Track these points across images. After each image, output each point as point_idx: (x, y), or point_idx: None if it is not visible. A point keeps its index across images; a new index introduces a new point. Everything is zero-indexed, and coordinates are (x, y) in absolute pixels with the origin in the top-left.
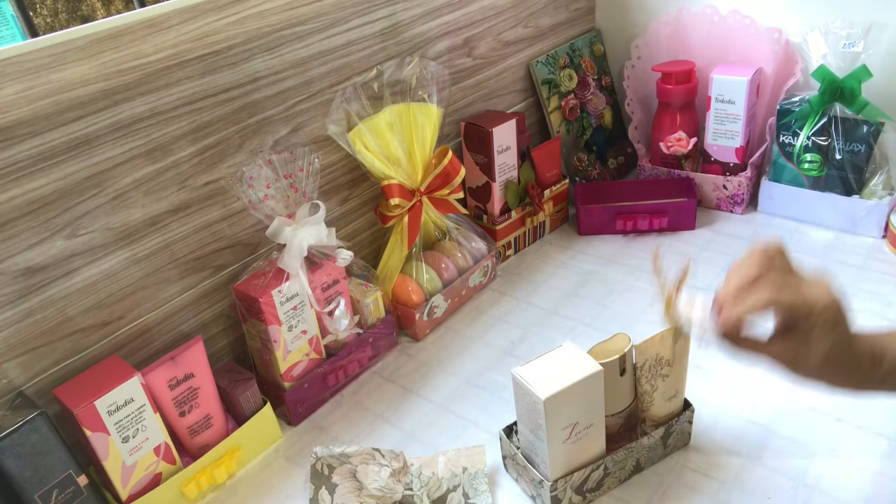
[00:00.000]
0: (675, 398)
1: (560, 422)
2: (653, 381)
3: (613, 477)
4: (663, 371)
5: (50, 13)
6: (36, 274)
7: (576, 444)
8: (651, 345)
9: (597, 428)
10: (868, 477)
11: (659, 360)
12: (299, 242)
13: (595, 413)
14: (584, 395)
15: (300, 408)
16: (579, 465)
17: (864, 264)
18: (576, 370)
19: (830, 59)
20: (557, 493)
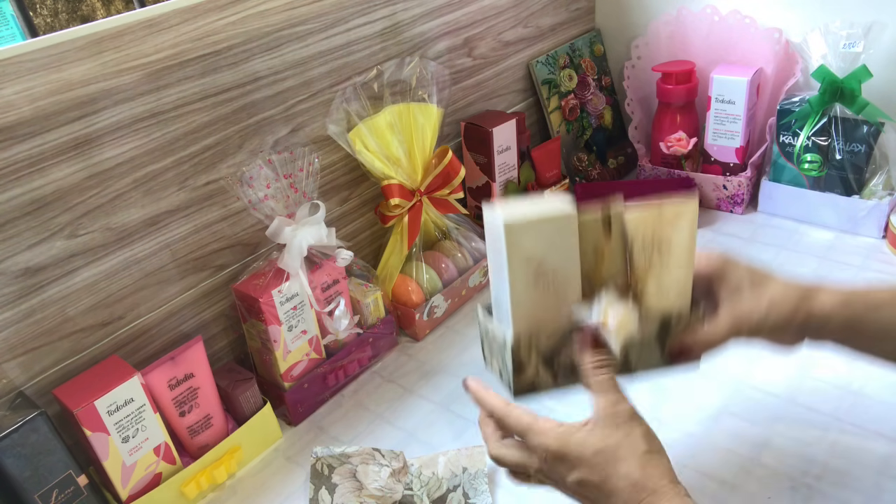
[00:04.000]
0: (675, 291)
1: (523, 258)
2: (647, 261)
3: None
4: (662, 252)
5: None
6: (36, 274)
7: (543, 296)
8: (649, 217)
9: (570, 283)
10: (868, 477)
11: (657, 238)
12: (299, 242)
13: (567, 263)
14: (554, 235)
15: (300, 408)
16: (548, 325)
17: (864, 264)
18: (550, 208)
19: (830, 59)
20: (521, 353)
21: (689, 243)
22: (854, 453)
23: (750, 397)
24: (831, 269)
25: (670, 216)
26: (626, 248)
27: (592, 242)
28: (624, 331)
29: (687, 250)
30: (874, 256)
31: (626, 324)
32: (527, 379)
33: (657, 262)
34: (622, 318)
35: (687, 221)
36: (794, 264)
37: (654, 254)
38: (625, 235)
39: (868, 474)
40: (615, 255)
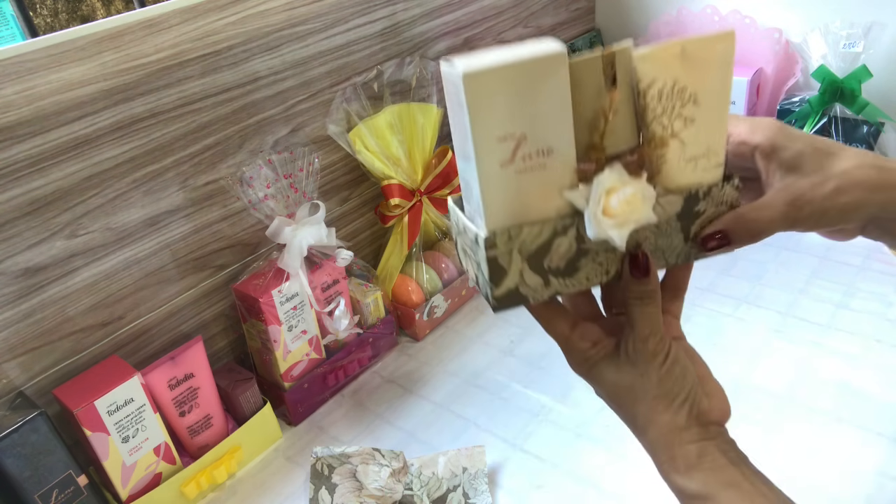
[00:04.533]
0: (704, 161)
1: (493, 124)
2: (667, 120)
3: (596, 263)
4: (686, 110)
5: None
6: (36, 274)
7: (525, 178)
8: (667, 59)
9: (560, 158)
10: (868, 477)
11: (680, 90)
12: (299, 242)
13: (555, 130)
14: (534, 89)
15: (300, 408)
16: (534, 216)
17: (864, 264)
18: (528, 50)
19: (830, 59)
20: (499, 255)
21: (724, 93)
22: (854, 453)
23: (750, 397)
24: (831, 269)
25: (699, 56)
26: (638, 103)
27: (590, 97)
28: (633, 216)
29: (721, 103)
30: (874, 256)
31: (635, 207)
32: (508, 286)
33: (680, 119)
34: (630, 200)
35: (721, 62)
36: (794, 264)
37: (676, 109)
38: (635, 85)
39: (868, 474)
40: (622, 113)
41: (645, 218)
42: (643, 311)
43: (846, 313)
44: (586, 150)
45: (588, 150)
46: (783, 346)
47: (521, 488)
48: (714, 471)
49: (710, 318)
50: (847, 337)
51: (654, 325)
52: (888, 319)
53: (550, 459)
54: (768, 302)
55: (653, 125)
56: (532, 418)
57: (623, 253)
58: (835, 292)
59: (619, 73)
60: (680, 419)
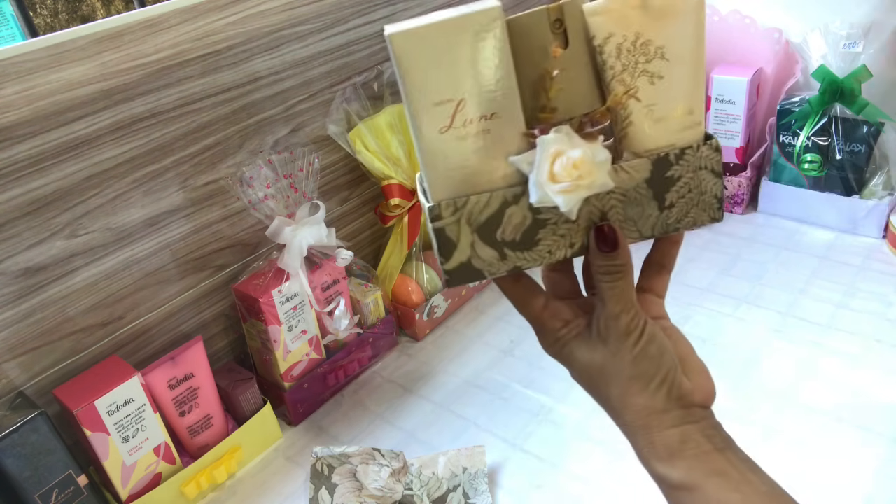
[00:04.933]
0: (677, 121)
1: (427, 88)
2: (629, 78)
3: (557, 235)
4: (652, 66)
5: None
6: (36, 274)
7: (468, 144)
8: (626, 11)
9: (504, 122)
10: (868, 477)
11: (644, 44)
12: (299, 242)
13: (496, 92)
14: (469, 49)
15: (300, 408)
16: (482, 185)
17: (864, 264)
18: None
19: (830, 59)
20: (444, 224)
21: (696, 45)
22: (854, 453)
23: (749, 397)
24: (831, 269)
25: (664, 6)
26: (592, 60)
27: (538, 56)
28: (584, 182)
29: (693, 56)
30: (874, 256)
31: (585, 171)
32: (460, 259)
33: (645, 76)
34: (578, 163)
35: (690, 11)
36: (794, 264)
37: (640, 65)
38: (589, 41)
39: (868, 474)
40: (574, 70)
41: (599, 184)
42: (612, 286)
43: (846, 313)
44: (534, 113)
45: (536, 113)
46: (783, 346)
47: (521, 488)
48: (698, 458)
49: (710, 318)
50: (847, 337)
51: (626, 302)
52: (888, 319)
53: (550, 459)
54: (768, 302)
55: (612, 83)
56: (532, 418)
57: (588, 224)
58: (835, 292)
59: (569, 28)
60: (657, 402)
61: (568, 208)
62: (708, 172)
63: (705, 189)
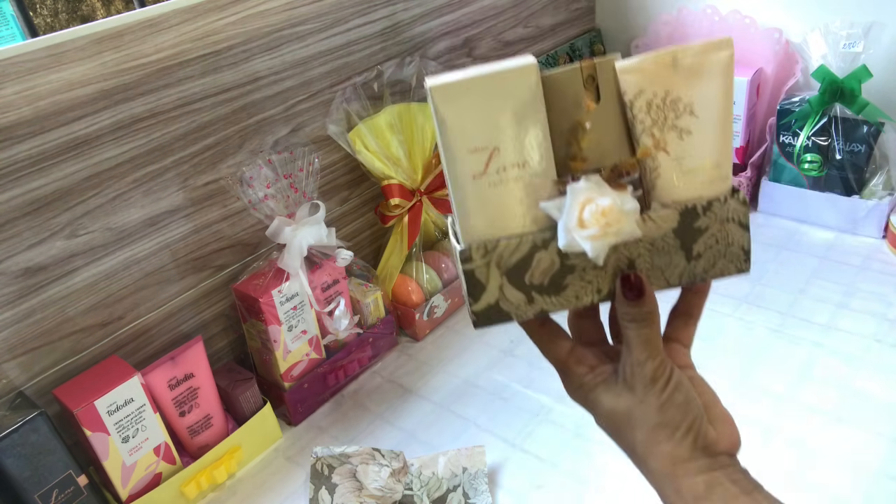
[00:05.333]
0: (704, 174)
1: (463, 136)
2: (658, 132)
3: (585, 281)
4: (681, 121)
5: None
6: (36, 274)
7: (501, 190)
8: (656, 70)
9: (536, 170)
10: (868, 477)
11: (673, 101)
12: (299, 242)
13: (529, 142)
14: (504, 102)
15: (300, 408)
16: (512, 229)
17: (864, 264)
18: (501, 65)
19: (830, 59)
20: (476, 269)
21: (724, 103)
22: (854, 453)
23: (750, 397)
24: (831, 269)
25: (693, 65)
26: (623, 115)
27: (571, 109)
28: (612, 229)
29: (721, 113)
30: (874, 256)
31: (613, 219)
32: (488, 301)
33: (674, 131)
34: (607, 211)
35: (719, 71)
36: (794, 264)
37: (670, 120)
38: (620, 95)
39: (868, 474)
40: (606, 124)
41: (627, 232)
42: (639, 333)
43: (846, 313)
44: (566, 163)
45: (567, 162)
46: (783, 346)
47: (521, 488)
48: (726, 501)
49: (710, 318)
50: (847, 337)
51: (653, 349)
52: (888, 319)
53: (550, 459)
54: (768, 302)
55: (642, 137)
56: (532, 418)
57: (615, 271)
58: (835, 292)
59: (602, 84)
60: (683, 450)
61: (595, 254)
62: (735, 225)
63: (732, 241)
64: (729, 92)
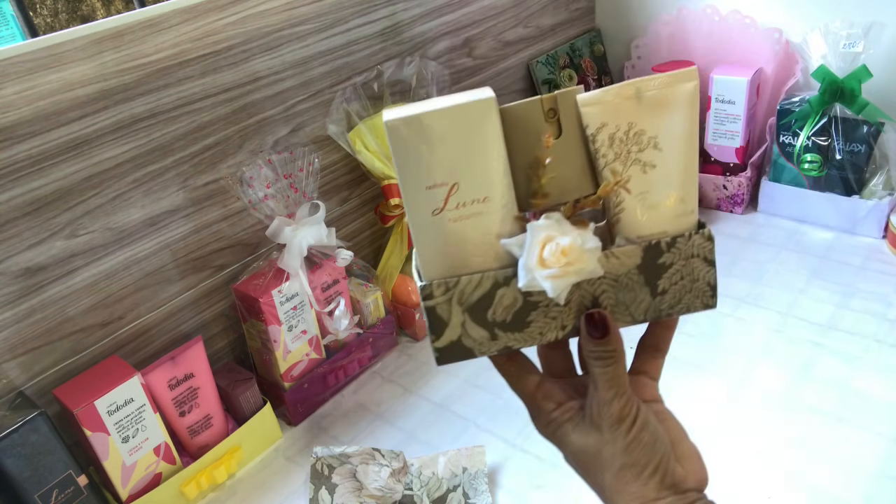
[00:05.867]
0: (668, 209)
1: (420, 172)
2: (620, 166)
3: (549, 318)
4: (644, 155)
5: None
6: (36, 274)
7: (462, 226)
8: (619, 102)
9: (497, 206)
10: (868, 477)
11: (637, 134)
12: (299, 242)
13: (489, 177)
14: (462, 137)
15: (300, 408)
16: (473, 266)
17: (864, 264)
18: (459, 99)
19: (830, 59)
20: (435, 303)
21: (689, 136)
22: (854, 453)
23: (750, 396)
24: (831, 269)
25: (657, 98)
26: (587, 148)
27: (531, 143)
28: (573, 268)
29: (686, 147)
30: (874, 256)
31: (574, 258)
32: (450, 338)
33: (637, 165)
34: (567, 250)
35: (683, 103)
36: (794, 264)
37: (633, 154)
38: (582, 129)
39: (868, 474)
40: (568, 158)
41: (588, 270)
42: (604, 371)
43: (846, 313)
44: (527, 198)
45: (529, 198)
46: (783, 346)
47: (521, 488)
48: None
49: (710, 318)
50: (847, 337)
51: (618, 387)
52: (888, 319)
53: (550, 459)
54: (768, 302)
55: (605, 171)
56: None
57: (579, 307)
58: (835, 292)
59: (563, 117)
60: (650, 490)
61: (555, 294)
62: (700, 261)
63: (698, 276)
64: (694, 125)
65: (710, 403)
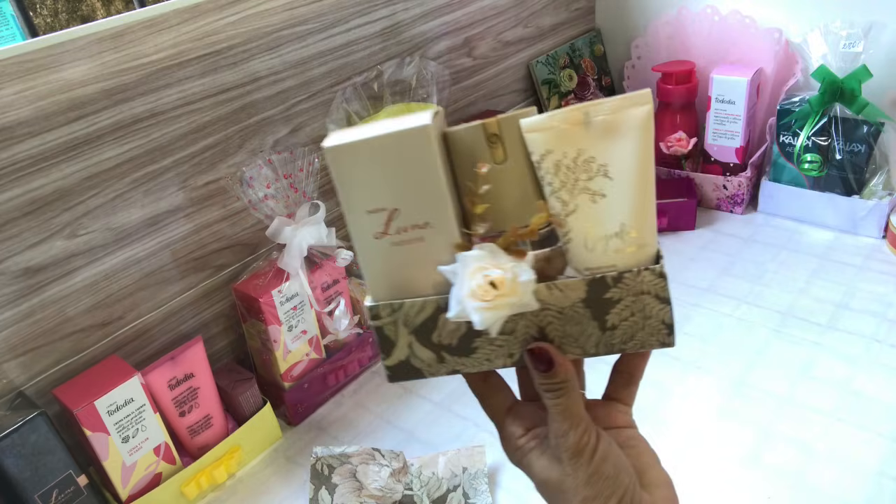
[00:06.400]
0: (618, 241)
1: (361, 197)
2: (566, 195)
3: (495, 345)
4: (593, 183)
5: (50, 13)
6: (36, 274)
7: (404, 251)
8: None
9: (438, 232)
10: (868, 477)
11: (585, 161)
12: (299, 242)
13: (430, 202)
14: (401, 163)
15: (300, 408)
16: (417, 289)
17: (864, 264)
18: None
19: (830, 60)
20: (382, 323)
21: (643, 163)
22: (854, 453)
23: (750, 396)
24: (831, 269)
25: (608, 123)
26: (532, 175)
27: (472, 168)
28: (505, 300)
29: (640, 175)
30: (874, 256)
31: (507, 291)
32: (399, 357)
33: (586, 194)
34: (498, 281)
35: (636, 129)
36: (794, 264)
37: (581, 182)
38: (527, 155)
39: (868, 474)
40: (512, 184)
41: (521, 304)
42: (555, 403)
43: (846, 313)
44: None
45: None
46: (783, 346)
47: (521, 488)
48: None
49: (710, 318)
50: (847, 337)
51: (573, 419)
52: (888, 319)
53: None
54: (768, 302)
55: (550, 200)
56: None
57: (525, 338)
58: (835, 292)
59: (507, 142)
60: None
61: (484, 326)
62: (651, 298)
63: (650, 314)
64: (648, 152)
65: (710, 403)
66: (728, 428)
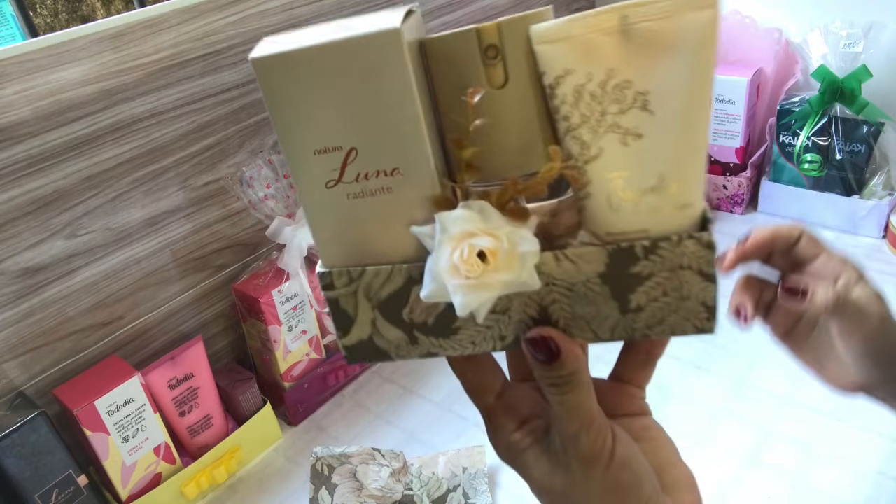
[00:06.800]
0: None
1: (305, 131)
2: (589, 135)
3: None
4: (626, 119)
5: (50, 13)
6: (36, 274)
7: (365, 204)
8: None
9: (414, 181)
10: (868, 477)
11: (617, 87)
12: (299, 242)
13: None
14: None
15: (300, 408)
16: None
17: (864, 264)
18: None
19: (830, 59)
20: (337, 294)
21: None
22: (854, 453)
23: (750, 397)
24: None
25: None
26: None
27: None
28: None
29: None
30: (874, 256)
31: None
32: (360, 336)
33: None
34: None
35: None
36: None
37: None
38: (537, 76)
39: (868, 474)
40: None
41: (518, 283)
42: (562, 400)
43: None
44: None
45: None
46: None
47: (521, 488)
48: None
49: None
50: None
51: (584, 418)
52: None
53: None
54: None
55: (567, 140)
56: None
57: (521, 318)
58: None
59: (510, 58)
60: None
61: (466, 312)
62: (693, 274)
63: (689, 293)
64: (708, 77)
65: (710, 404)
66: (728, 428)
